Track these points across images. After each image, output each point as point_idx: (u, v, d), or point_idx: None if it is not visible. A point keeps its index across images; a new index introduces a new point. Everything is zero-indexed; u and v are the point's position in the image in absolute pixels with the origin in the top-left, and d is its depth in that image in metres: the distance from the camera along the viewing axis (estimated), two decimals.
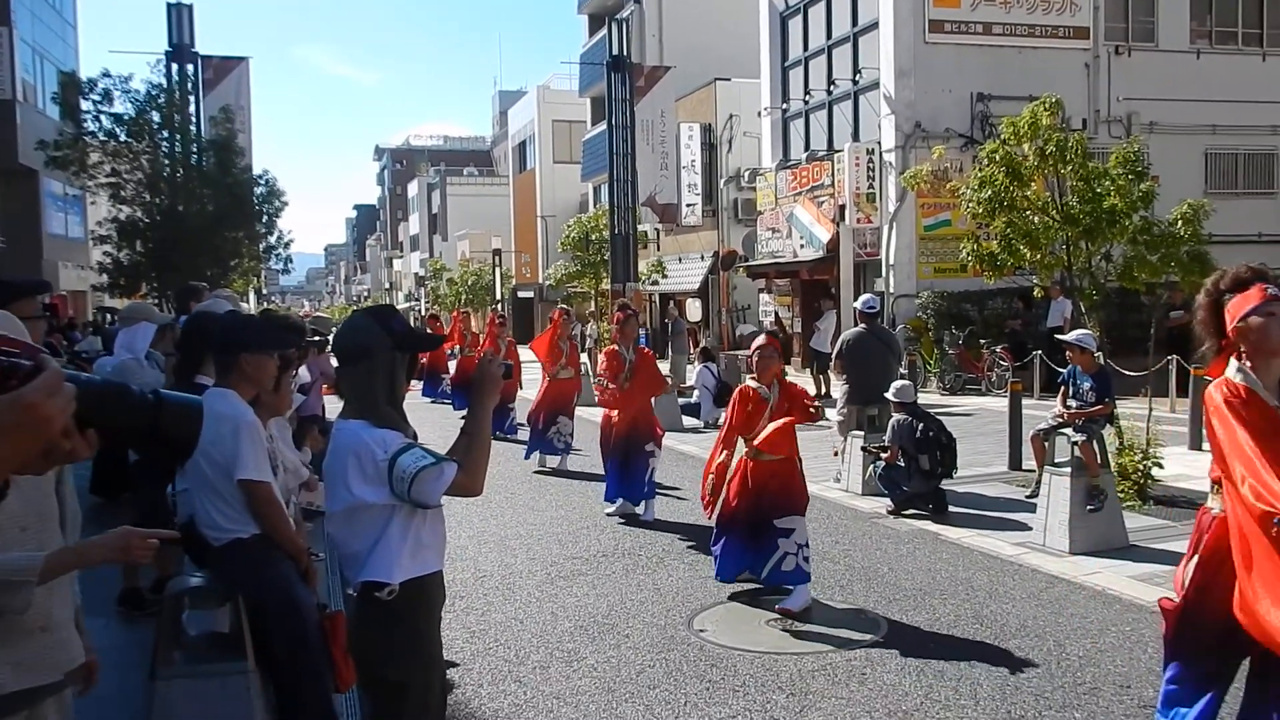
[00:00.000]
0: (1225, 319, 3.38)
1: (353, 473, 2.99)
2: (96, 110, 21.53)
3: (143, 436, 1.51)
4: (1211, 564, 3.48)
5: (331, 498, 3.08)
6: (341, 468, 3.02)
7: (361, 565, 3.05)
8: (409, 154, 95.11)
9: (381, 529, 3.04)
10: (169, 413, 1.50)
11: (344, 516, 3.06)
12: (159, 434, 1.50)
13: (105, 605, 6.01)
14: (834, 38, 23.30)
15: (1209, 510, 3.58)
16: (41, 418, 1.27)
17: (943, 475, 8.74)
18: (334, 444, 3.09)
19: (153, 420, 1.49)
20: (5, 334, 1.37)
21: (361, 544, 3.05)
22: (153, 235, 21.78)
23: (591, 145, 37.87)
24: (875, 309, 10.61)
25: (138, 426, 1.48)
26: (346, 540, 3.07)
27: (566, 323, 12.24)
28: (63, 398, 1.30)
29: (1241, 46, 22.52)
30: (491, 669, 5.41)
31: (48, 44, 30.53)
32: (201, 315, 5.26)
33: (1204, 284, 3.53)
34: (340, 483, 3.02)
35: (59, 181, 27.42)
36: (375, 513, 3.02)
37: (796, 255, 23.78)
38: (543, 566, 7.49)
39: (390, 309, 3.44)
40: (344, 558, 3.14)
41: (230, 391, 3.95)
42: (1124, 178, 9.80)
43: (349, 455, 3.02)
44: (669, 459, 11.95)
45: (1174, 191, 12.63)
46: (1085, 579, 6.73)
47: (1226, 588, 3.38)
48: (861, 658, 5.42)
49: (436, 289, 52.41)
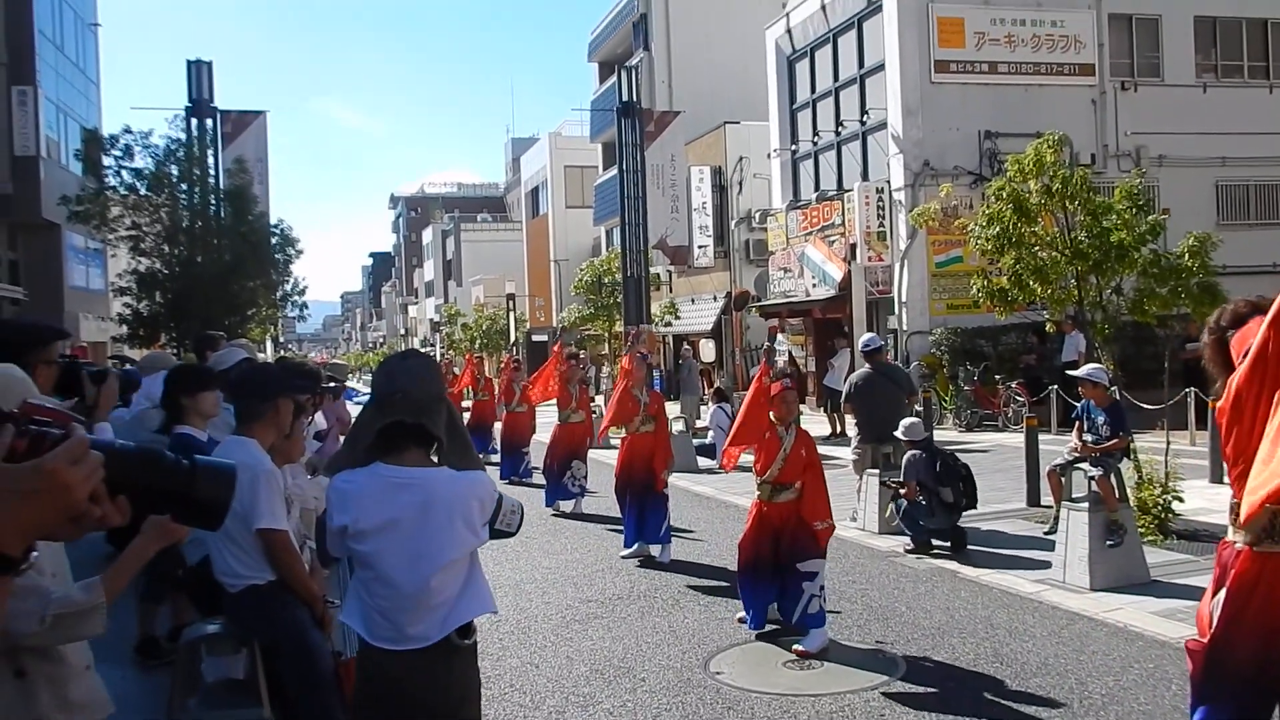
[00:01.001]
0: (1231, 355, 3.39)
1: (476, 517, 3.01)
2: (118, 165, 21.88)
3: (177, 502, 1.49)
4: (1238, 599, 3.38)
5: (450, 546, 2.98)
6: (467, 513, 3.00)
7: (454, 610, 3.00)
8: (423, 201, 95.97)
9: (469, 568, 3.06)
10: (204, 477, 1.48)
11: (451, 565, 3.00)
12: (193, 500, 1.48)
13: (121, 655, 6.02)
14: (841, 80, 23.52)
15: (1230, 544, 3.50)
16: (62, 484, 1.27)
17: (966, 506, 8.70)
18: (453, 489, 3.00)
19: (188, 486, 1.47)
20: (42, 404, 1.40)
21: (454, 589, 3.00)
22: (171, 286, 22.03)
23: (603, 190, 38.16)
24: (877, 346, 10.71)
25: (173, 492, 1.47)
26: (440, 589, 2.96)
27: (575, 368, 12.35)
28: (87, 465, 1.30)
29: (1248, 79, 22.61)
30: (507, 714, 5.39)
31: (71, 101, 31.08)
32: (182, 368, 5.38)
33: (1206, 323, 3.54)
34: (463, 530, 2.98)
35: (80, 235, 27.80)
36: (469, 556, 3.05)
37: (809, 294, 23.83)
38: (558, 610, 7.47)
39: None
40: (428, 609, 2.97)
41: (250, 440, 3.98)
42: (1129, 211, 9.82)
43: (473, 502, 3.02)
44: (684, 500, 11.95)
45: (1186, 224, 12.62)
46: (1106, 615, 6.67)
47: (1255, 624, 3.32)
48: (879, 698, 5.37)
49: (451, 334, 52.65)
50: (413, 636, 2.95)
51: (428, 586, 2.93)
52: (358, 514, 2.97)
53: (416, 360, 3.14)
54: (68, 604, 2.05)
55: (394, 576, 2.95)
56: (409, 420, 2.94)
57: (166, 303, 22.10)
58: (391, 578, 2.95)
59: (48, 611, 1.97)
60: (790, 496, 6.36)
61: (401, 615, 2.95)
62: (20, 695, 1.92)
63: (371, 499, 2.96)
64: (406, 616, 2.95)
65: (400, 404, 2.95)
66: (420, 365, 3.10)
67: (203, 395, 5.07)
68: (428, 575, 2.93)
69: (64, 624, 1.99)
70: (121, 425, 6.38)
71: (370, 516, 2.96)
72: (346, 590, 3.20)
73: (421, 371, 3.05)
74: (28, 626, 1.92)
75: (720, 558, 8.91)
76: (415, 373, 3.03)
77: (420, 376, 3.02)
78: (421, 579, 2.93)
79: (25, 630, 1.92)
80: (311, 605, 4.04)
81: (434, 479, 2.99)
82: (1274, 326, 3.11)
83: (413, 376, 3.01)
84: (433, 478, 2.99)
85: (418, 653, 2.96)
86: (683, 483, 13.23)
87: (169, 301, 22.04)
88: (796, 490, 6.36)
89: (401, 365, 3.08)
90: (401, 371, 3.03)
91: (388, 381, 3.01)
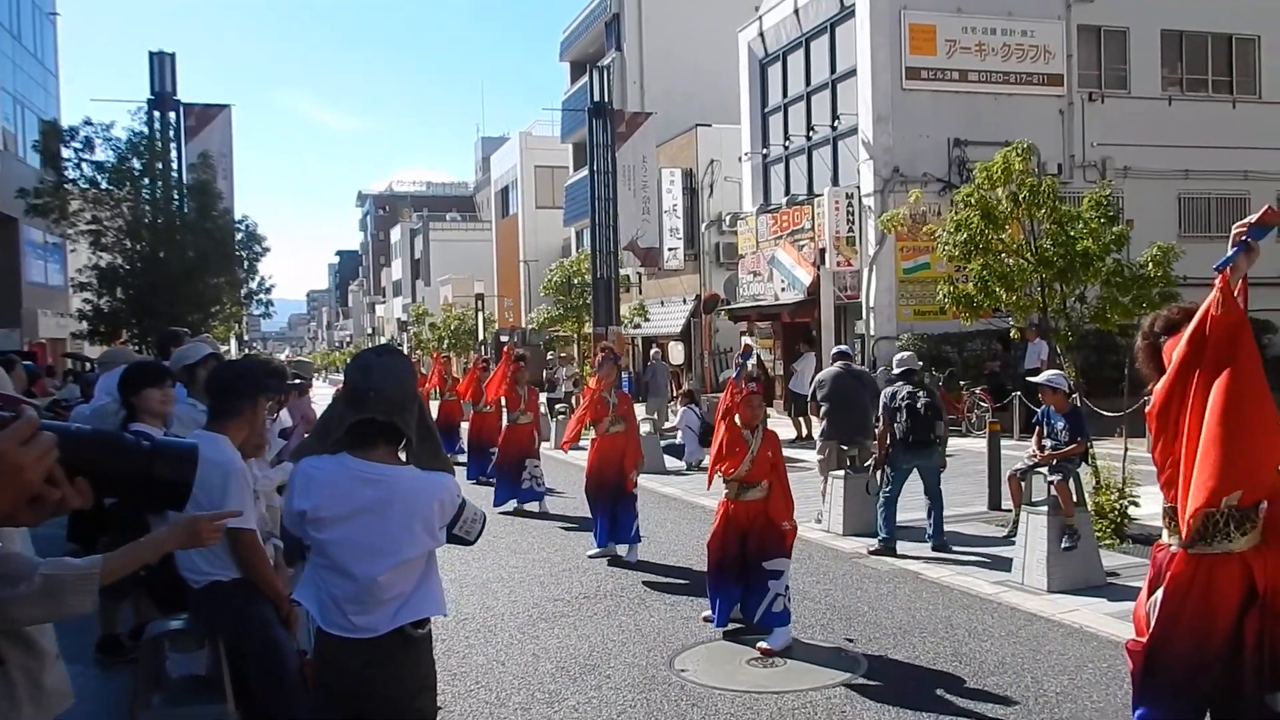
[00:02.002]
0: (1163, 360, 3.48)
1: (436, 520, 3.02)
2: (78, 158, 21.57)
3: (138, 484, 1.49)
4: (1174, 601, 3.46)
5: (407, 545, 2.98)
6: (427, 515, 3.00)
7: (405, 605, 3.00)
8: (392, 200, 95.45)
9: (424, 567, 3.05)
10: (163, 458, 1.50)
11: (405, 564, 3.00)
12: (154, 480, 1.49)
13: (82, 653, 5.96)
14: (813, 84, 23.67)
15: (1165, 546, 3.58)
16: (11, 464, 1.27)
17: (914, 443, 8.79)
18: (415, 489, 3.01)
19: (147, 467, 1.48)
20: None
21: (406, 585, 3.00)
22: (133, 282, 21.74)
23: (573, 190, 38.17)
24: (844, 351, 11.17)
25: (132, 474, 1.47)
26: (392, 585, 2.98)
27: (522, 370, 12.44)
28: (38, 446, 1.31)
29: (1212, 94, 23.00)
30: (473, 711, 5.40)
31: (29, 93, 30.66)
32: (137, 366, 5.34)
33: (1141, 329, 3.63)
34: (421, 531, 2.99)
35: (38, 229, 27.40)
36: (425, 557, 3.06)
37: (778, 298, 23.96)
38: (524, 609, 7.48)
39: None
40: (382, 603, 2.98)
41: (221, 437, 3.96)
42: (1096, 221, 9.98)
43: (434, 503, 3.02)
44: (651, 501, 11.98)
45: (1148, 235, 12.81)
46: (1063, 616, 6.78)
47: (1190, 625, 3.41)
48: (841, 695, 5.43)
49: (419, 334, 52.42)
50: (360, 626, 2.97)
51: (377, 582, 2.94)
52: (319, 501, 2.98)
53: (392, 358, 3.13)
54: (61, 567, 2.02)
55: (348, 567, 2.96)
56: (380, 418, 2.94)
57: (129, 299, 21.81)
58: (345, 568, 2.97)
59: (36, 572, 1.94)
60: (757, 495, 6.42)
61: (350, 604, 2.97)
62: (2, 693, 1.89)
63: (334, 488, 2.97)
64: (355, 606, 2.97)
65: (374, 401, 2.94)
66: (396, 363, 3.09)
67: (146, 392, 4.99)
68: (379, 571, 2.94)
69: (53, 590, 1.95)
70: (81, 420, 6.34)
71: (331, 506, 2.97)
72: (303, 571, 3.20)
73: (397, 369, 3.05)
74: (13, 588, 1.87)
75: (686, 558, 8.95)
76: (391, 370, 3.02)
77: (395, 374, 3.02)
78: (373, 574, 2.94)
79: (12, 593, 1.88)
80: (277, 605, 4.03)
81: (399, 477, 2.99)
82: (1191, 343, 3.22)
83: (388, 374, 3.00)
84: (398, 476, 2.99)
85: (371, 642, 2.97)
86: (650, 484, 13.26)
87: (131, 298, 21.75)
88: (763, 489, 6.42)
89: (378, 362, 3.07)
90: (378, 368, 3.02)
91: (363, 377, 3.00)
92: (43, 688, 1.91)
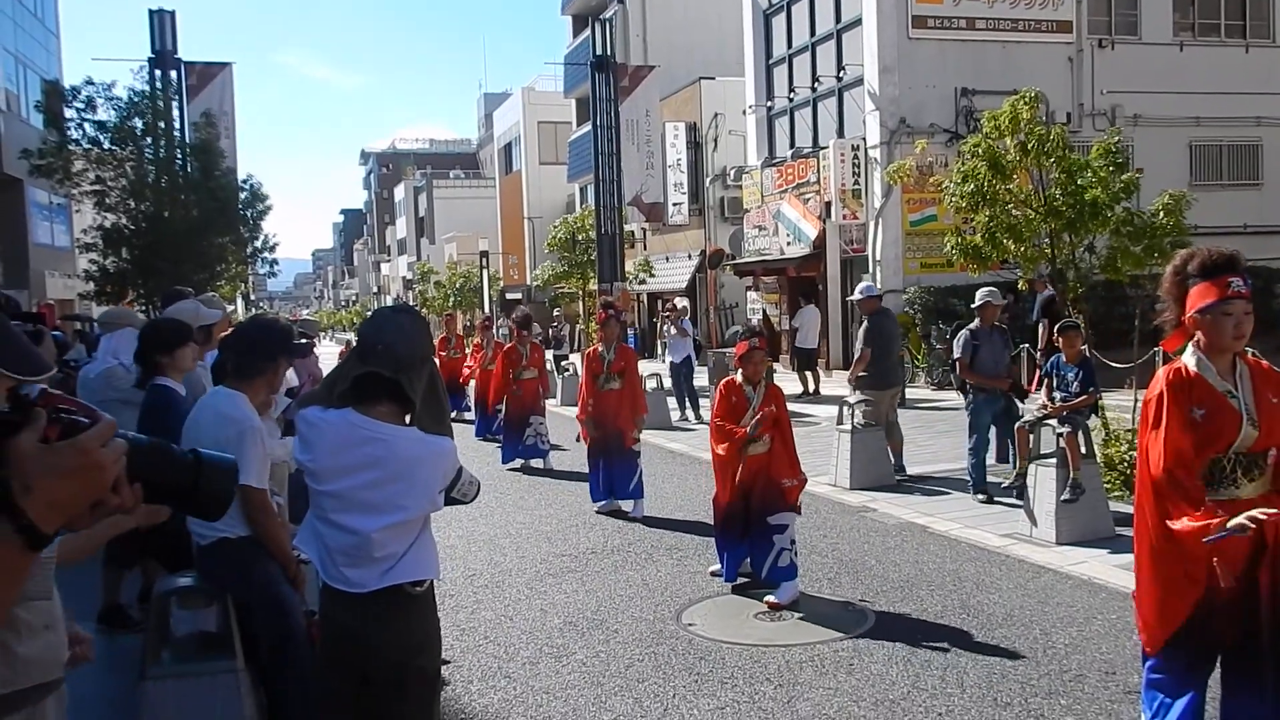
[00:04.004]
0: (1187, 299, 3.42)
1: (434, 484, 3.01)
2: (80, 118, 21.41)
3: (183, 493, 1.52)
4: None
5: (402, 506, 2.97)
6: (425, 478, 2.99)
7: (396, 565, 2.99)
8: (395, 158, 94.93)
9: (420, 528, 3.05)
10: (208, 471, 1.52)
11: (399, 525, 2.99)
12: (198, 492, 1.52)
13: (90, 614, 5.98)
14: (818, 35, 23.35)
15: None
16: (95, 464, 1.34)
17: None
18: (415, 453, 2.98)
19: (194, 478, 1.51)
20: (62, 395, 1.44)
21: (399, 546, 2.99)
22: (138, 242, 21.69)
23: (577, 146, 37.87)
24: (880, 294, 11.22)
25: (180, 483, 1.51)
26: (384, 544, 2.96)
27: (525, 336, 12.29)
28: (116, 449, 1.37)
29: (1224, 39, 22.64)
30: (481, 665, 5.43)
31: (30, 53, 30.39)
32: (158, 321, 5.32)
33: (1174, 259, 3.55)
34: (417, 493, 2.98)
35: (43, 190, 27.30)
36: (420, 519, 3.06)
37: (783, 252, 23.82)
38: (532, 564, 7.51)
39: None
40: (374, 560, 2.97)
41: (240, 395, 3.95)
42: (1105, 169, 9.84)
43: (432, 467, 3.01)
44: (657, 457, 12.01)
45: (1159, 184, 12.64)
46: (1071, 568, 6.77)
47: None
48: (849, 648, 5.45)
49: (424, 292, 52.36)
50: (351, 580, 2.98)
51: (370, 539, 2.94)
52: (317, 454, 2.99)
53: (407, 317, 3.12)
54: None
55: (342, 521, 2.97)
56: (386, 373, 2.93)
57: (134, 259, 21.75)
58: (339, 522, 2.97)
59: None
60: (761, 449, 6.39)
61: (343, 557, 2.98)
62: None
63: (334, 442, 2.97)
64: (347, 559, 2.98)
65: (382, 356, 2.94)
66: (410, 322, 3.08)
67: (181, 351, 5.06)
68: (373, 528, 2.93)
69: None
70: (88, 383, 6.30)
71: (329, 459, 2.97)
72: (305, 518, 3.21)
73: (410, 328, 3.03)
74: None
75: (693, 513, 8.97)
76: (404, 329, 3.01)
77: (408, 333, 3.01)
78: (366, 530, 2.93)
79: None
80: (285, 565, 4.03)
81: (399, 437, 2.97)
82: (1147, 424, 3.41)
83: (401, 332, 2.99)
84: (398, 436, 2.97)
85: (367, 597, 2.97)
86: (656, 439, 13.28)
87: (136, 258, 21.69)
88: (766, 443, 6.39)
89: (392, 319, 3.07)
90: (391, 326, 3.02)
91: (375, 332, 3.00)
92: (16, 655, 1.95)
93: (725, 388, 6.56)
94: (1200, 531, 3.16)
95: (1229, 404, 3.31)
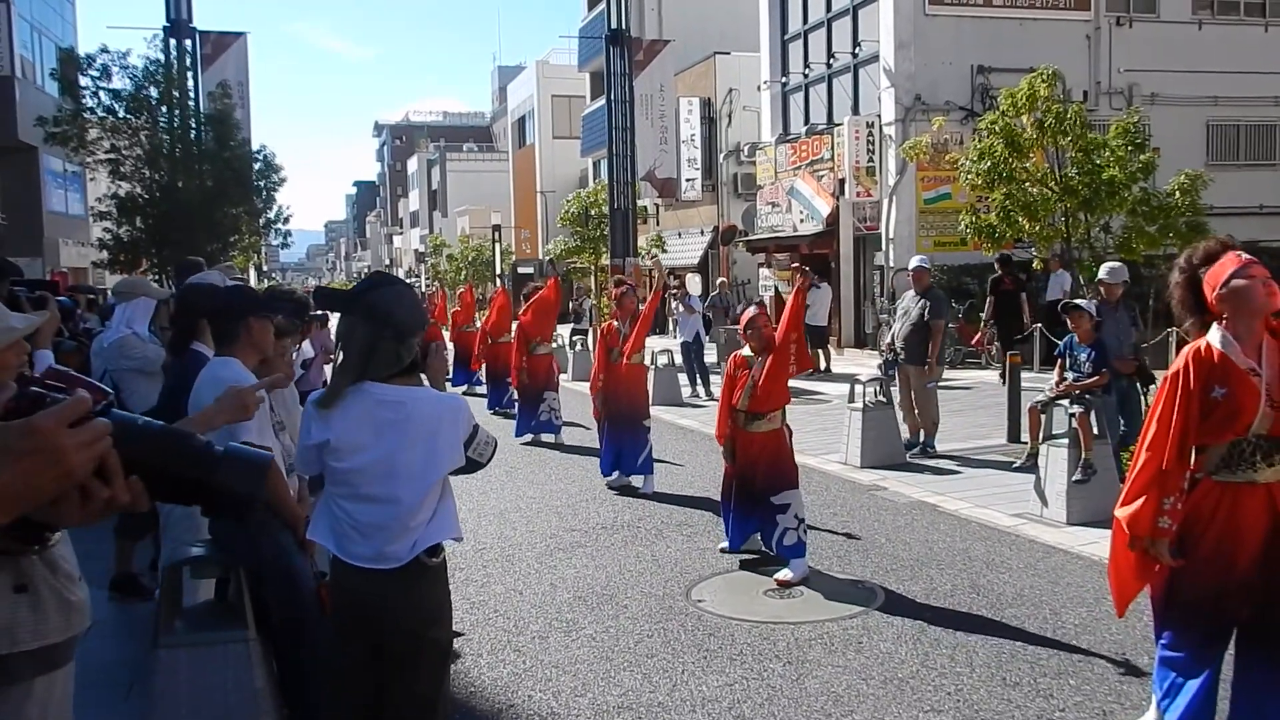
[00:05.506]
0: (1205, 292, 3.40)
1: (457, 433, 3.03)
2: (95, 86, 21.41)
3: (194, 489, 1.38)
4: (1195, 528, 3.48)
5: (431, 465, 2.99)
6: (448, 431, 3.02)
7: (424, 532, 3.00)
8: (408, 130, 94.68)
9: (440, 492, 3.07)
10: (231, 467, 1.37)
11: (429, 487, 3.01)
12: (214, 488, 1.37)
13: (103, 579, 6.03)
14: (833, 10, 23.16)
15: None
16: (54, 446, 1.17)
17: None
18: (434, 410, 3.03)
19: (209, 473, 1.36)
20: (66, 372, 1.31)
21: (426, 512, 3.01)
22: (152, 211, 21.72)
23: (591, 120, 37.71)
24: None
25: (190, 478, 1.35)
26: (414, 511, 2.97)
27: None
28: (87, 432, 1.20)
29: (1244, 17, 22.38)
30: (491, 639, 5.45)
31: (46, 20, 30.32)
32: (192, 287, 5.28)
33: (1176, 263, 3.55)
34: (443, 447, 3.00)
35: (58, 158, 27.33)
36: (441, 481, 3.08)
37: (796, 229, 23.72)
38: (542, 539, 7.53)
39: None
40: (403, 529, 2.98)
41: (233, 359, 3.98)
42: (1123, 149, 9.77)
43: (451, 419, 3.04)
44: (667, 433, 12.02)
45: (1175, 163, 12.56)
46: (1082, 549, 6.76)
47: (1212, 555, 3.41)
48: (858, 626, 5.46)
49: (436, 265, 52.32)
50: (388, 555, 2.99)
51: (403, 504, 2.96)
52: (340, 430, 3.00)
53: (399, 287, 3.21)
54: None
55: (375, 493, 2.97)
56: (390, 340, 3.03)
57: (148, 228, 21.80)
58: (373, 494, 2.98)
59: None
60: (765, 427, 6.38)
61: (378, 533, 2.98)
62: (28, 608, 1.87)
63: (353, 415, 2.99)
64: (383, 535, 2.98)
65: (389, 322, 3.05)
66: (405, 290, 3.19)
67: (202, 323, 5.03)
68: (404, 493, 2.96)
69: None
70: (101, 352, 6.31)
71: (351, 433, 2.99)
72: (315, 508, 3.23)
73: (407, 296, 3.15)
74: None
75: (703, 489, 8.98)
76: (403, 297, 3.13)
77: (406, 301, 3.12)
78: (399, 495, 2.96)
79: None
80: (294, 529, 4.04)
81: (417, 398, 3.04)
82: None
83: (400, 300, 3.11)
84: (416, 397, 3.04)
85: (388, 572, 2.99)
86: (667, 415, 13.29)
87: (150, 227, 21.74)
88: (770, 421, 6.39)
89: (389, 290, 3.15)
90: (390, 294, 3.12)
91: (382, 303, 3.08)
92: (70, 603, 1.90)
93: (731, 364, 6.57)
94: (1131, 525, 3.43)
95: (1251, 381, 3.29)
